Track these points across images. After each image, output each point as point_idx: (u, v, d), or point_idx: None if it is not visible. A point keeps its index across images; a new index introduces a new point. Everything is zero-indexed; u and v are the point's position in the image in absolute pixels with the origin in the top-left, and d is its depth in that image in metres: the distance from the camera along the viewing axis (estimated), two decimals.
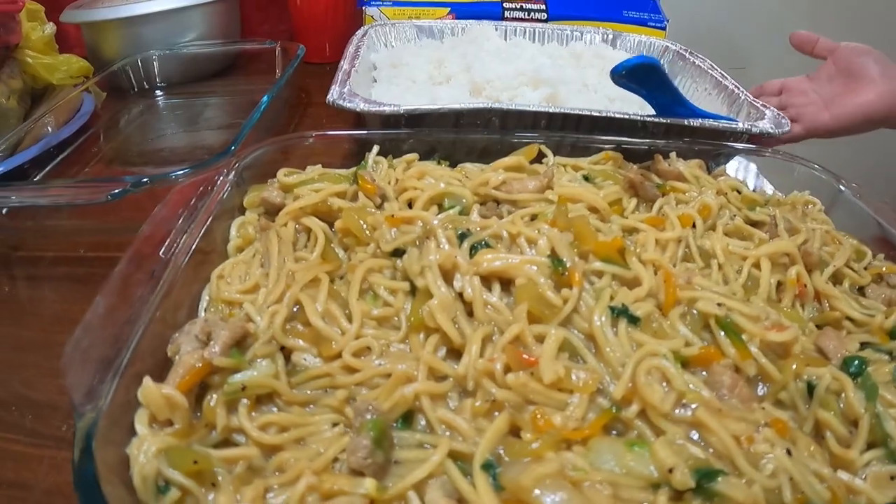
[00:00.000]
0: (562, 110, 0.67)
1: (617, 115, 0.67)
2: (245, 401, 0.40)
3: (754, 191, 0.68)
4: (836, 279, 0.56)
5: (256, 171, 0.64)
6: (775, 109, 0.75)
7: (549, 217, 0.51)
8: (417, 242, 0.49)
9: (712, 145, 0.68)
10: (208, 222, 0.56)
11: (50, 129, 0.83)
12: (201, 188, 0.59)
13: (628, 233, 0.55)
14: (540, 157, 0.65)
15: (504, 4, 0.99)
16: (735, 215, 0.59)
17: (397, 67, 0.86)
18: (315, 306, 0.45)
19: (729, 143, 0.69)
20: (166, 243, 0.53)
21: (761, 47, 0.90)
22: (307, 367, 0.43)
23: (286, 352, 0.44)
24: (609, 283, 0.47)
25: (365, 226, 0.53)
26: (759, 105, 0.76)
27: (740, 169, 0.71)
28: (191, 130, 0.93)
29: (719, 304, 0.44)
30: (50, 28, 0.89)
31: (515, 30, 0.97)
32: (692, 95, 0.88)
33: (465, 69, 0.82)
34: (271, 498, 0.36)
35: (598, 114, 0.67)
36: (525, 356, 0.40)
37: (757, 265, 0.53)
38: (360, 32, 0.91)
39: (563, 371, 0.39)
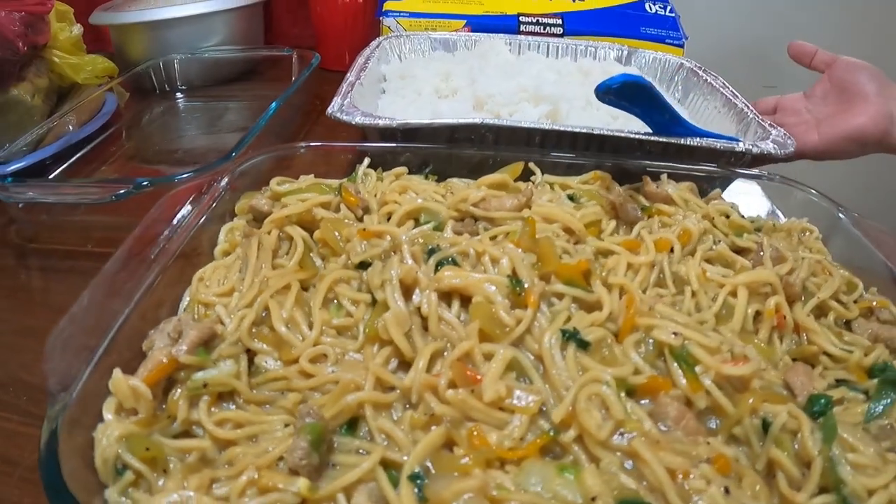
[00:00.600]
0: (554, 127, 0.66)
1: (610, 133, 0.66)
2: (206, 397, 0.42)
3: (749, 216, 0.66)
4: (822, 312, 0.54)
5: (254, 178, 0.66)
6: (782, 129, 0.73)
7: (518, 236, 0.50)
8: (383, 256, 0.50)
9: (703, 169, 0.66)
10: (198, 226, 0.58)
11: (71, 128, 0.87)
12: (194, 195, 0.61)
13: (602, 255, 0.54)
14: (530, 175, 0.65)
15: (520, 18, 0.99)
16: (720, 241, 0.58)
17: (405, 79, 0.86)
18: (280, 312, 0.47)
19: (710, 167, 0.67)
20: (156, 244, 0.55)
21: (793, 66, 0.87)
22: (268, 369, 0.45)
23: (251, 354, 0.46)
24: (568, 305, 0.47)
25: (339, 237, 0.54)
26: (766, 124, 0.74)
27: (741, 192, 0.69)
28: (207, 133, 0.96)
29: (675, 334, 0.43)
30: (77, 29, 0.93)
31: (529, 44, 0.97)
32: (703, 113, 0.86)
33: (470, 83, 0.82)
34: (216, 488, 0.37)
35: (590, 131, 0.66)
36: (471, 373, 0.41)
37: (735, 293, 0.51)
38: (373, 44, 0.93)
39: (504, 391, 0.39)
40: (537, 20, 0.99)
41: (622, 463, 0.37)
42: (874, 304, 0.55)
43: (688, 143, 0.68)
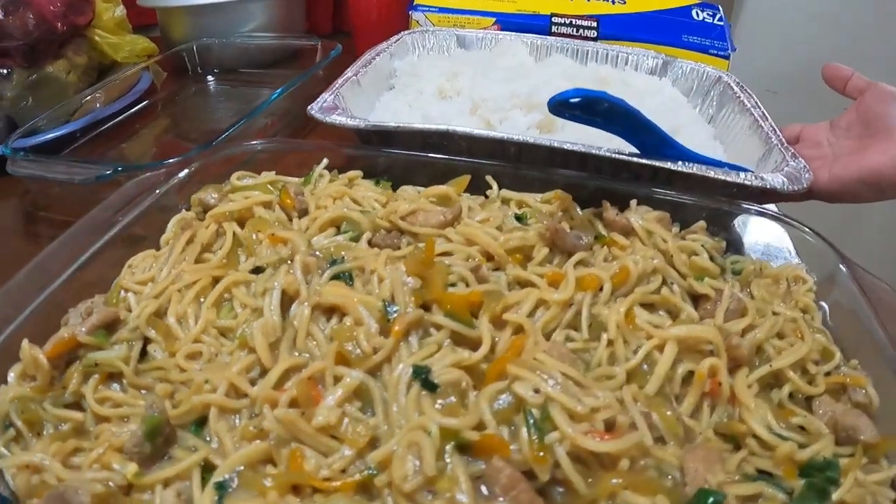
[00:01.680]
0: (517, 138, 0.61)
1: (587, 151, 0.60)
2: (96, 375, 0.44)
3: (735, 256, 0.58)
4: (780, 383, 0.46)
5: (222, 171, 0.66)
6: (803, 161, 0.63)
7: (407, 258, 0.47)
8: (278, 264, 0.49)
9: (685, 198, 0.58)
10: (146, 214, 0.60)
11: (98, 105, 0.91)
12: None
13: (521, 286, 0.49)
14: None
15: (553, 18, 0.93)
16: (673, 283, 0.50)
17: (413, 77, 0.83)
18: (177, 306, 0.48)
19: (688, 197, 0.59)
20: (104, 228, 0.57)
21: None
22: (154, 358, 0.46)
23: (148, 341, 0.47)
24: (443, 339, 0.43)
25: (256, 239, 0.53)
26: (787, 153, 0.65)
27: (736, 226, 0.61)
28: (232, 116, 0.98)
29: (536, 391, 0.37)
30: (121, 10, 0.98)
31: (558, 47, 0.90)
32: (731, 132, 0.77)
33: (475, 85, 0.78)
34: (74, 459, 0.40)
35: (559, 146, 0.60)
36: (315, 394, 0.39)
37: (662, 348, 0.44)
38: (393, 38, 0.90)
39: (334, 419, 0.38)
40: (571, 21, 0.92)
41: None
42: (848, 380, 0.46)
43: (680, 168, 0.60)
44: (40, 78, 0.91)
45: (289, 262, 0.49)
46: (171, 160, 0.68)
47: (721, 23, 0.91)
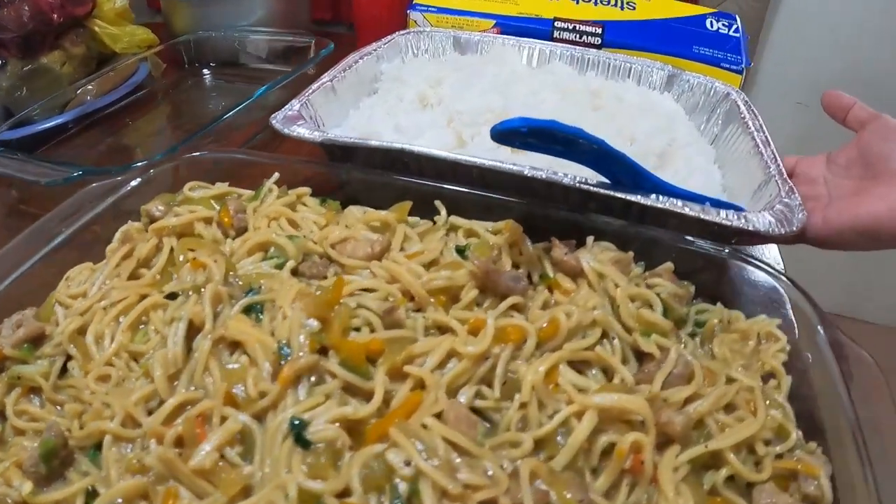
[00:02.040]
0: (475, 162, 0.56)
1: (546, 178, 0.55)
2: (18, 388, 0.45)
3: (702, 305, 0.52)
4: (718, 463, 0.41)
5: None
6: (798, 198, 0.56)
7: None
8: (192, 291, 0.47)
9: (643, 234, 0.53)
10: (104, 220, 0.59)
11: (89, 98, 0.91)
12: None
13: (441, 331, 0.45)
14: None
15: (555, 23, 0.87)
16: (615, 338, 0.45)
17: (398, 82, 0.79)
18: (97, 326, 0.47)
19: (648, 234, 0.54)
20: (53, 236, 0.57)
21: None
22: (72, 376, 0.46)
23: (70, 357, 0.47)
24: (336, 388, 0.40)
25: (183, 260, 0.51)
26: (784, 187, 0.58)
27: (708, 269, 0.55)
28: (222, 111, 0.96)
29: (408, 462, 0.33)
30: (121, 1, 0.97)
31: (559, 53, 0.84)
32: (732, 155, 0.70)
33: (454, 94, 0.73)
34: None
35: (518, 171, 0.55)
36: (200, 434, 0.38)
37: (581, 416, 0.40)
38: (384, 40, 0.86)
39: (208, 463, 0.36)
40: (574, 27, 0.86)
41: None
42: (800, 467, 0.41)
43: (651, 203, 0.54)
44: (34, 69, 0.91)
45: (203, 289, 0.46)
46: (138, 164, 0.67)
47: (737, 34, 0.83)
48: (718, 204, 0.57)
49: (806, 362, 0.47)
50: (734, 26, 0.84)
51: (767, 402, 0.43)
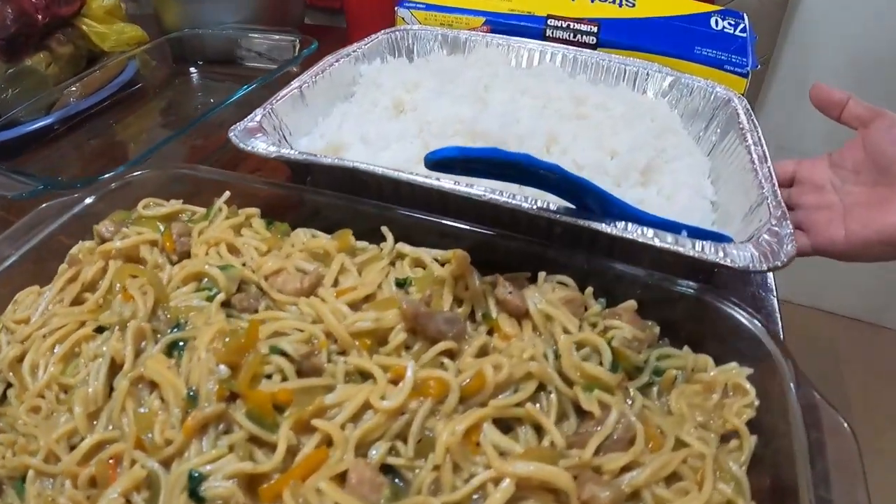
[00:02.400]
0: (425, 184, 0.52)
1: (500, 203, 0.50)
2: None
3: (665, 351, 0.47)
4: None
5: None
6: (790, 227, 0.51)
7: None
8: (120, 326, 0.45)
9: (604, 269, 0.48)
10: (52, 239, 0.57)
11: (73, 100, 0.90)
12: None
13: (363, 377, 0.41)
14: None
15: (548, 21, 0.81)
16: (552, 392, 0.41)
17: (375, 86, 0.75)
18: (33, 355, 0.46)
19: (613, 269, 0.49)
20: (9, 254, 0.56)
21: None
22: (9, 404, 0.45)
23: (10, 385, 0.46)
24: (241, 439, 0.37)
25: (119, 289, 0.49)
26: (777, 211, 0.52)
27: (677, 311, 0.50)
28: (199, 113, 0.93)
29: None
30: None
31: (550, 54, 0.79)
32: (728, 167, 0.64)
33: (428, 101, 0.69)
34: None
35: (473, 195, 0.51)
36: (112, 476, 0.38)
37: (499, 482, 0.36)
38: (366, 39, 0.82)
39: None
40: (568, 25, 0.80)
41: None
42: None
43: (615, 233, 0.49)
44: (19, 71, 0.90)
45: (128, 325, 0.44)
46: (105, 176, 0.66)
47: (744, 34, 0.76)
48: (696, 233, 0.51)
49: (774, 424, 0.42)
50: (741, 25, 0.77)
51: (719, 472, 0.39)
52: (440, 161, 0.43)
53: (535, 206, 0.50)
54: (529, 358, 0.41)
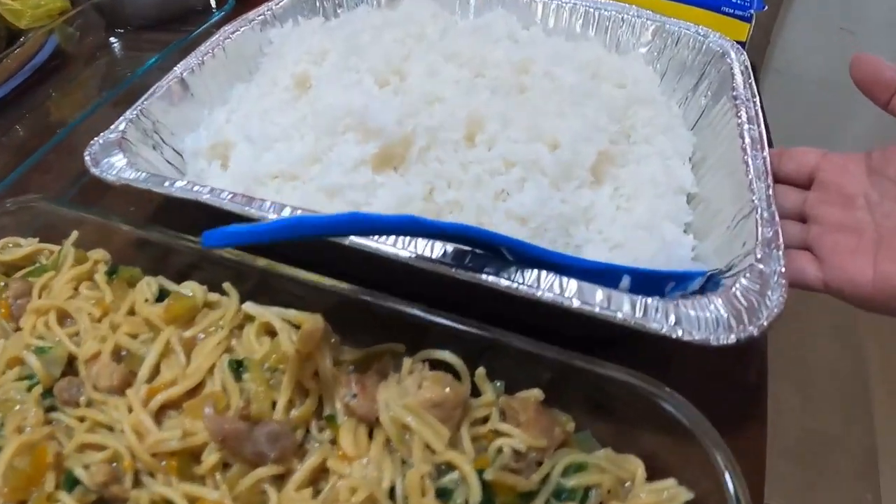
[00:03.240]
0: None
1: (372, 249, 0.38)
2: None
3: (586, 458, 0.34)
4: None
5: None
6: (782, 260, 0.36)
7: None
8: None
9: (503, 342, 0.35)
10: None
11: None
12: None
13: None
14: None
15: None
16: None
17: (278, 58, 0.61)
18: None
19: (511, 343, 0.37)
20: None
21: None
22: None
23: None
24: None
25: None
26: (769, 232, 0.38)
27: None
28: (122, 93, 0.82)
29: None
30: None
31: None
32: (714, 146, 0.49)
33: (327, 80, 0.55)
34: None
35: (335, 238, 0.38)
36: None
37: None
38: None
39: None
40: None
41: None
42: None
43: (526, 291, 0.36)
44: None
45: None
46: None
47: None
48: (647, 277, 0.37)
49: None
50: None
51: None
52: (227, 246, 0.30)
53: (413, 255, 0.37)
54: (358, 496, 0.30)
